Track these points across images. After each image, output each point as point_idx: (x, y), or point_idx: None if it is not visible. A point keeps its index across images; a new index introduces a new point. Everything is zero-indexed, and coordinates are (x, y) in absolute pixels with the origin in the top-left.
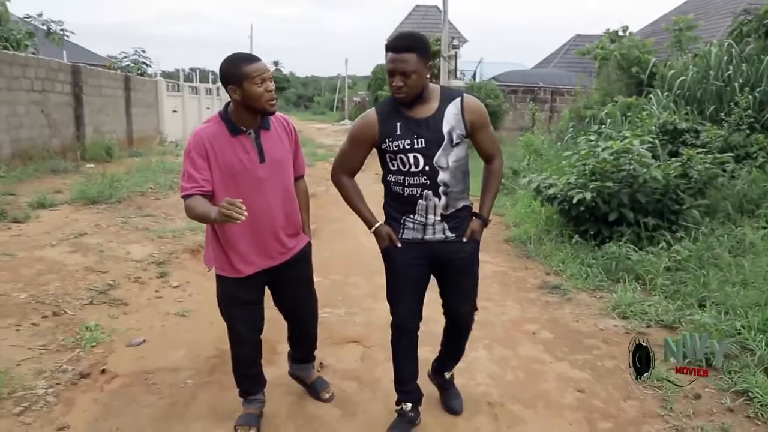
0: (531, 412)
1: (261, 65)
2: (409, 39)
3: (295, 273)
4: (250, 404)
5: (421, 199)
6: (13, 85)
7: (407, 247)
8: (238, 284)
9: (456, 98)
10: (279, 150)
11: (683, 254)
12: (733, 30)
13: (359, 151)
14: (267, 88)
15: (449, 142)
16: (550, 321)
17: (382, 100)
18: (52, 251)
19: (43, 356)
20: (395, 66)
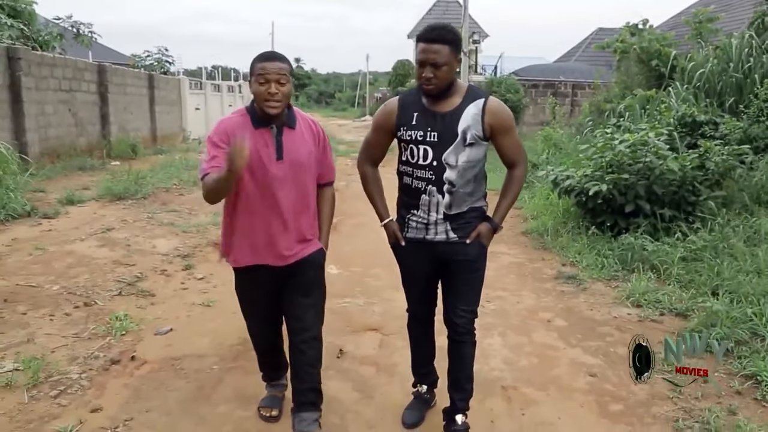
0: (543, 395)
1: (269, 65)
2: (442, 30)
3: (302, 278)
4: (273, 387)
5: (424, 194)
6: (42, 84)
7: (411, 245)
8: (246, 277)
9: (480, 99)
10: (300, 151)
11: (698, 244)
12: (754, 21)
13: (380, 138)
14: (269, 90)
15: (462, 140)
16: (565, 309)
17: (407, 89)
18: (81, 245)
19: (76, 344)
20: (426, 57)
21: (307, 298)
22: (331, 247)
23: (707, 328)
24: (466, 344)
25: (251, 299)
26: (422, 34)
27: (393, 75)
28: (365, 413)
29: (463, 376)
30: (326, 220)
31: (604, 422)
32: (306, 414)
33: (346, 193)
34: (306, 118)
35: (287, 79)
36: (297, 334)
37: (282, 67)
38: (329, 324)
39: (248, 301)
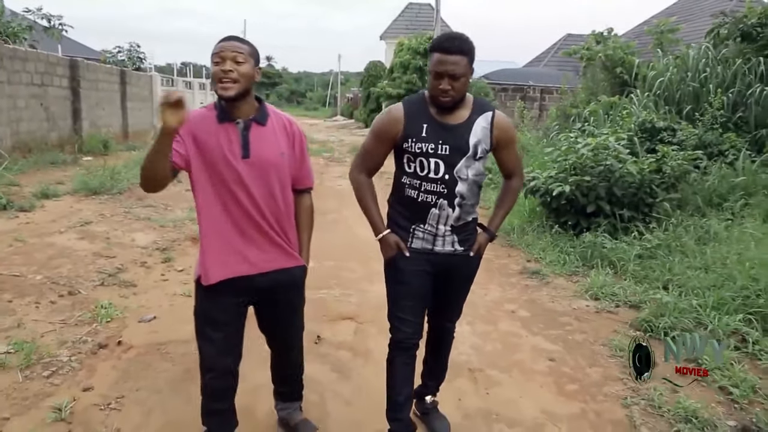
0: (507, 377)
1: (225, 44)
2: (461, 41)
3: (281, 297)
4: None
5: (434, 207)
6: (14, 78)
7: (416, 256)
8: (213, 296)
9: (488, 112)
10: (270, 150)
11: (653, 243)
12: (710, 32)
13: (381, 148)
14: (222, 67)
15: (473, 154)
16: (528, 302)
17: (409, 97)
18: (61, 238)
19: (64, 329)
20: (446, 68)
21: (291, 319)
22: None
23: (657, 318)
24: (449, 342)
25: (216, 322)
26: (439, 44)
27: (365, 75)
28: (343, 392)
29: (439, 369)
30: (305, 232)
31: (561, 399)
32: (289, 403)
33: (318, 190)
34: (280, 116)
35: (245, 59)
36: (279, 348)
37: (238, 46)
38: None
39: (212, 326)
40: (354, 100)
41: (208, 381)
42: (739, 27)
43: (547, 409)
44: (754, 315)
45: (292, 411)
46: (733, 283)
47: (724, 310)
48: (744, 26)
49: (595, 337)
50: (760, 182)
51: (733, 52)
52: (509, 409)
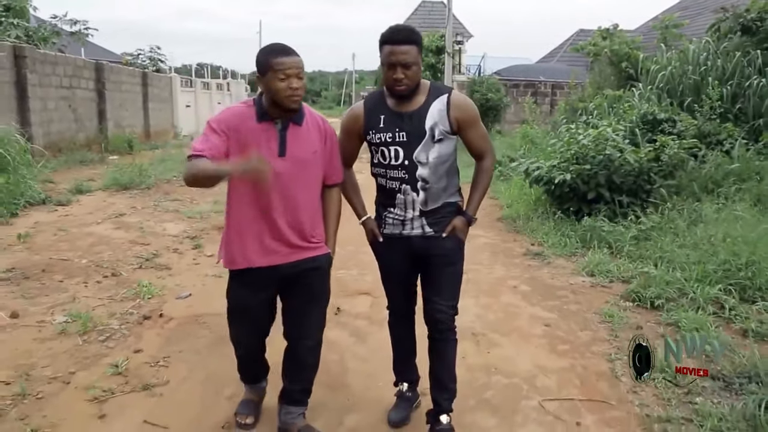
0: (506, 339)
1: (290, 60)
2: (408, 31)
3: (305, 285)
4: (251, 390)
5: (399, 192)
6: (45, 81)
7: (388, 241)
8: (241, 282)
9: (443, 95)
10: (305, 148)
11: (648, 225)
12: (711, 27)
13: (349, 142)
14: (290, 85)
15: (431, 137)
16: (530, 279)
17: (370, 93)
18: (99, 228)
19: (111, 304)
20: (397, 58)
21: (312, 306)
22: None
23: (644, 289)
24: (448, 342)
25: (245, 306)
26: (388, 36)
27: (379, 74)
28: (359, 352)
29: (446, 376)
30: (333, 223)
31: (553, 357)
32: (293, 408)
33: None
34: (315, 116)
35: (304, 74)
36: (297, 340)
37: (299, 61)
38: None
39: (241, 309)
40: None
41: (238, 353)
42: (739, 21)
43: (540, 364)
44: (733, 286)
45: (296, 417)
46: (717, 258)
47: (707, 281)
48: (744, 20)
49: (588, 306)
50: (753, 168)
51: (734, 46)
52: (507, 365)
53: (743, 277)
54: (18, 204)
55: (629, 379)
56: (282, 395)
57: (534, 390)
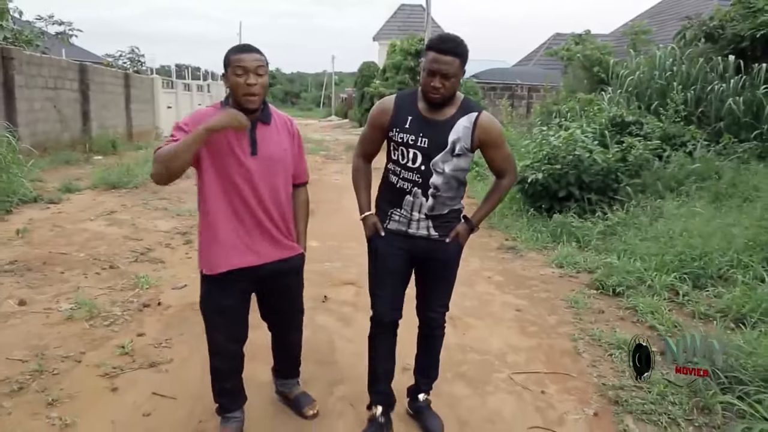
0: (480, 322)
1: (246, 56)
2: (455, 43)
3: (282, 284)
4: (226, 422)
5: (409, 194)
6: (31, 83)
7: (391, 236)
8: (220, 286)
9: (473, 113)
10: (275, 147)
11: (614, 221)
12: (678, 34)
13: (374, 134)
14: (247, 80)
15: (450, 150)
16: (503, 270)
17: (403, 91)
18: (92, 224)
19: (112, 294)
20: (439, 67)
21: (292, 304)
22: (311, 226)
23: (607, 278)
24: (437, 338)
25: (224, 310)
26: (435, 44)
27: (359, 76)
28: (346, 334)
29: (432, 364)
30: (302, 222)
31: (523, 337)
32: (288, 380)
33: (319, 185)
34: (282, 116)
35: (264, 71)
36: (281, 334)
37: (259, 58)
38: (315, 280)
39: (219, 314)
40: (348, 100)
41: (215, 363)
42: (702, 29)
43: (511, 343)
44: (687, 274)
45: (292, 385)
46: (674, 250)
47: (664, 271)
48: (707, 28)
49: (556, 294)
50: (713, 168)
51: (698, 52)
52: (480, 344)
53: (697, 267)
54: (11, 201)
55: (589, 356)
56: (275, 371)
57: (504, 365)
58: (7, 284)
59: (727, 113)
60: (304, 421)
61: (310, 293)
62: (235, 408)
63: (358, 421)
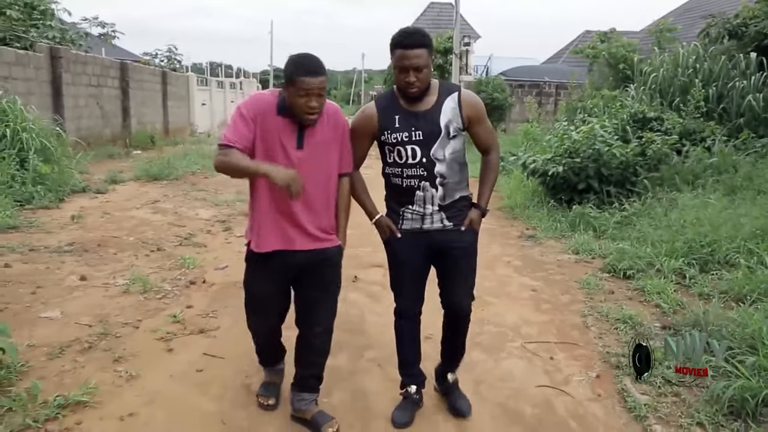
0: (498, 300)
1: (312, 80)
2: (419, 35)
3: (318, 275)
4: (270, 372)
5: (418, 190)
6: (76, 80)
7: (407, 237)
8: (261, 268)
9: (454, 92)
10: (321, 141)
11: (630, 211)
12: (701, 32)
13: (360, 143)
14: (308, 102)
15: (446, 134)
16: (522, 256)
17: (381, 94)
18: (138, 212)
19: (161, 272)
20: (410, 62)
21: (324, 294)
22: None
23: (618, 262)
24: (465, 324)
25: (263, 292)
26: (399, 41)
27: (388, 74)
28: (375, 309)
29: (458, 348)
30: (343, 215)
31: (536, 313)
32: (306, 394)
33: None
34: (330, 108)
35: (325, 90)
36: (308, 327)
37: (323, 81)
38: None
39: (260, 294)
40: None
41: (256, 339)
42: (726, 27)
43: (525, 318)
44: (696, 260)
45: (309, 403)
46: (684, 237)
47: (673, 256)
48: (730, 26)
49: (570, 277)
50: (730, 163)
51: (721, 50)
52: (497, 318)
53: (705, 253)
54: (64, 191)
55: (597, 329)
56: (295, 382)
57: (518, 336)
58: (69, 262)
59: (747, 109)
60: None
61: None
62: (277, 363)
63: (385, 379)
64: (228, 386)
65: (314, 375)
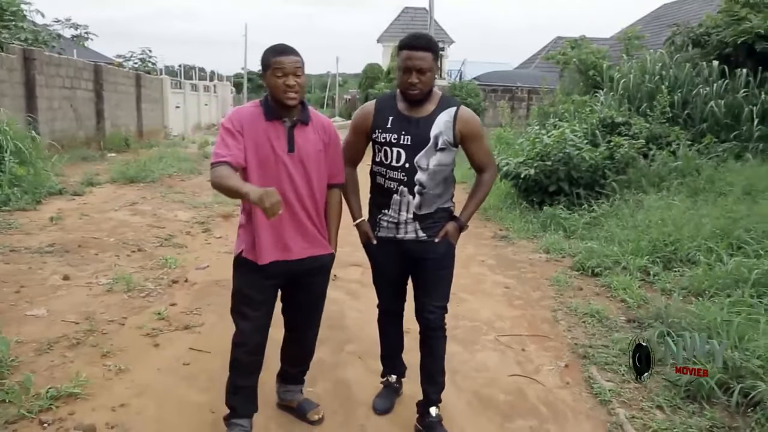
0: (473, 297)
1: (285, 59)
2: (426, 39)
3: (309, 281)
4: (232, 429)
5: (396, 193)
6: (50, 82)
7: (382, 244)
8: (255, 277)
9: (452, 107)
10: (311, 146)
11: (598, 212)
12: (668, 40)
13: (357, 139)
14: (286, 82)
15: (434, 145)
16: (496, 255)
17: (383, 94)
18: (117, 214)
19: (144, 272)
20: (413, 63)
21: (316, 300)
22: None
23: (587, 260)
24: (438, 339)
25: (256, 300)
26: (407, 42)
27: (363, 77)
28: (354, 305)
29: (436, 370)
30: (334, 224)
31: (509, 308)
32: (292, 386)
33: None
34: (320, 117)
35: (302, 71)
36: (304, 330)
37: (297, 60)
38: None
39: (251, 302)
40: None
41: (239, 355)
42: (690, 36)
43: (498, 313)
44: (660, 258)
45: (295, 393)
46: (649, 236)
47: (638, 254)
48: (694, 35)
49: (541, 275)
50: (693, 166)
51: (685, 58)
52: (472, 314)
53: (669, 252)
54: (41, 193)
55: (566, 323)
56: (281, 377)
57: (492, 329)
58: (51, 263)
59: (710, 115)
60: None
61: None
62: (245, 413)
63: (365, 370)
64: (215, 378)
65: (301, 371)
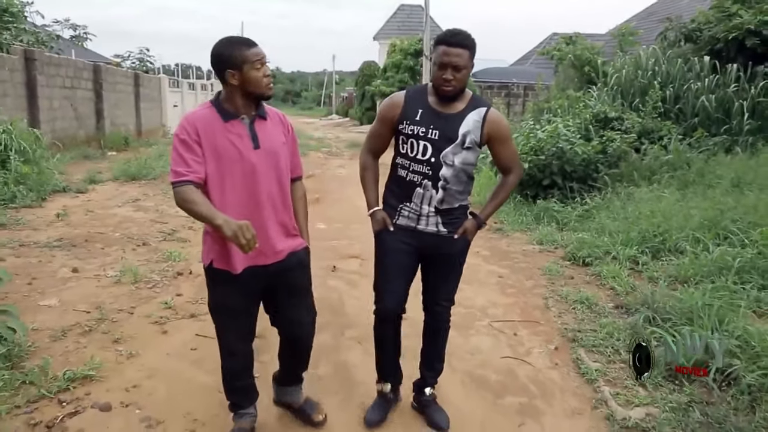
0: (468, 286)
1: (259, 50)
2: (464, 36)
3: (290, 280)
4: (240, 418)
5: (419, 187)
6: (51, 82)
7: (399, 232)
8: (231, 287)
9: (482, 108)
10: (274, 140)
11: (591, 205)
12: (660, 35)
13: (384, 129)
14: (265, 73)
15: (461, 143)
16: (491, 247)
17: (413, 86)
18: (121, 210)
19: (149, 264)
20: (450, 59)
21: (302, 299)
22: (318, 211)
23: (578, 251)
24: (443, 330)
25: (235, 310)
26: (444, 38)
27: (360, 75)
28: (353, 293)
29: (436, 358)
30: (303, 217)
31: (502, 296)
32: (290, 387)
33: (324, 177)
34: (275, 112)
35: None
36: (292, 331)
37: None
38: (324, 255)
39: (231, 313)
40: (348, 99)
41: (229, 365)
42: (682, 31)
43: (492, 301)
44: (648, 248)
45: (296, 393)
46: (639, 227)
47: (628, 245)
48: (686, 30)
49: (534, 264)
50: (684, 160)
51: (678, 53)
52: (467, 301)
53: (657, 242)
54: (45, 191)
55: (557, 309)
56: (280, 381)
57: (486, 316)
58: (59, 256)
59: (701, 110)
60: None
61: (321, 264)
62: (248, 404)
63: (364, 353)
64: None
65: (298, 368)
